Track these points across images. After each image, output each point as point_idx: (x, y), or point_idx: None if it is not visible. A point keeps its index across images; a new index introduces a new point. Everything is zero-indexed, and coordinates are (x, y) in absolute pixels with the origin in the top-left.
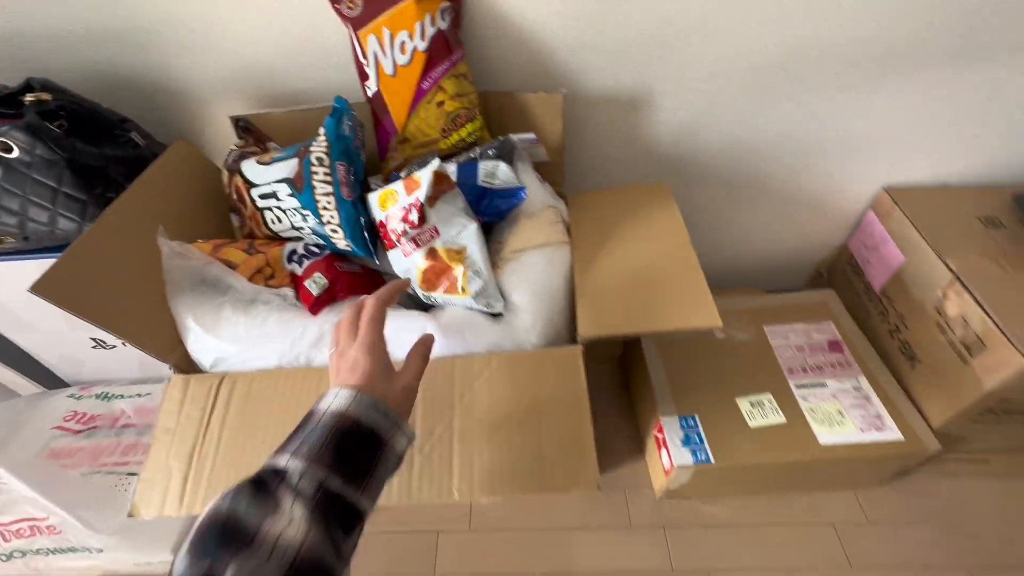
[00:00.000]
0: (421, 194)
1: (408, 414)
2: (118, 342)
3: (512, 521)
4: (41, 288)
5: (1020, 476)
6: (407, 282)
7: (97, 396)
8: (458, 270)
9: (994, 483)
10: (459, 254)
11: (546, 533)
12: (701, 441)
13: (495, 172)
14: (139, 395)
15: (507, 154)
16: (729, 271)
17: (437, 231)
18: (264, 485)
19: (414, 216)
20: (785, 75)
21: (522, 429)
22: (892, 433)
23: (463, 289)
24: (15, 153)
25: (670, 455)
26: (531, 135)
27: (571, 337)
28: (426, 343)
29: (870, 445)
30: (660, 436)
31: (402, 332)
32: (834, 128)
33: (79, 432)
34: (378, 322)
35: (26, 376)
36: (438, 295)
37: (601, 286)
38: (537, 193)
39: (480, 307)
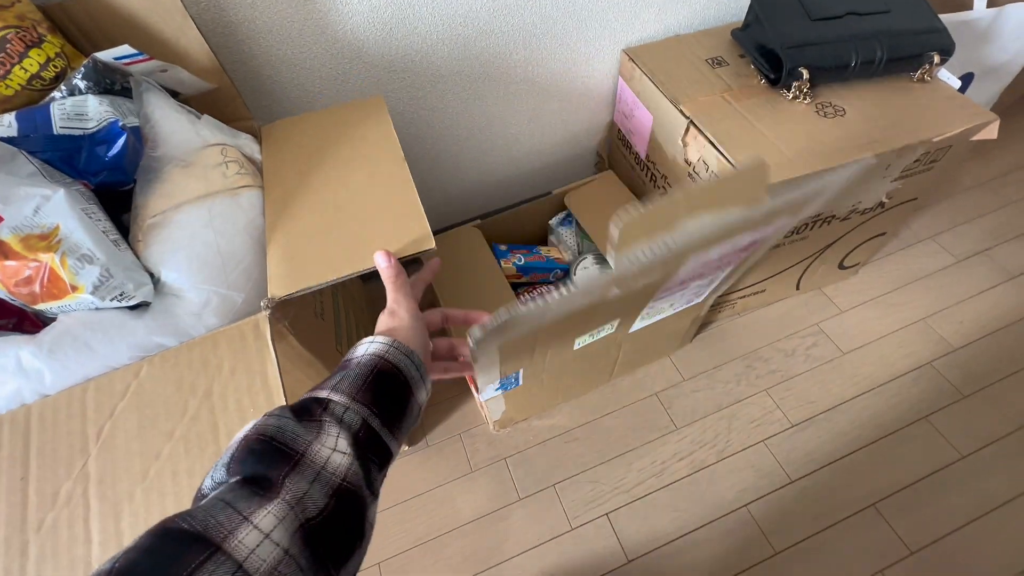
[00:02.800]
0: None
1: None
2: None
3: None
4: None
5: (789, 295)
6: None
7: None
8: (48, 260)
9: (775, 307)
10: (46, 239)
11: (384, 514)
12: None
13: (83, 111)
14: None
15: (110, 85)
16: (516, 177)
17: None
18: (308, 411)
19: None
20: None
21: (194, 445)
22: None
23: (73, 287)
24: None
25: (477, 390)
26: (125, 49)
27: None
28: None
29: (667, 319)
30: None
31: None
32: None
33: None
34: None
35: None
36: (44, 306)
37: (300, 231)
38: (185, 133)
39: (110, 303)
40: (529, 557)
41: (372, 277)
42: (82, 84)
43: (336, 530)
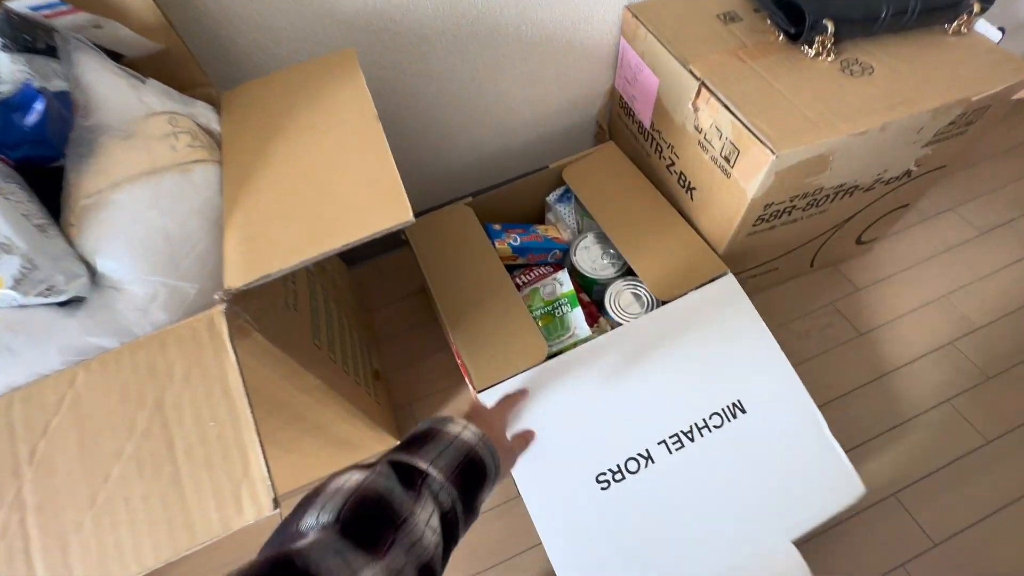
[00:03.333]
0: None
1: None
2: None
3: None
4: None
5: (803, 272)
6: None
7: None
8: None
9: (787, 286)
10: None
11: None
12: None
13: None
14: None
15: (27, 39)
16: (510, 150)
17: None
18: (410, 479)
19: None
20: None
21: (148, 466)
22: None
23: None
24: None
25: (471, 381)
26: None
27: None
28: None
29: None
30: (460, 362)
31: None
32: None
33: None
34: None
35: None
36: None
37: (261, 209)
38: (124, 98)
39: (36, 299)
40: (530, 556)
41: (358, 259)
42: None
43: None
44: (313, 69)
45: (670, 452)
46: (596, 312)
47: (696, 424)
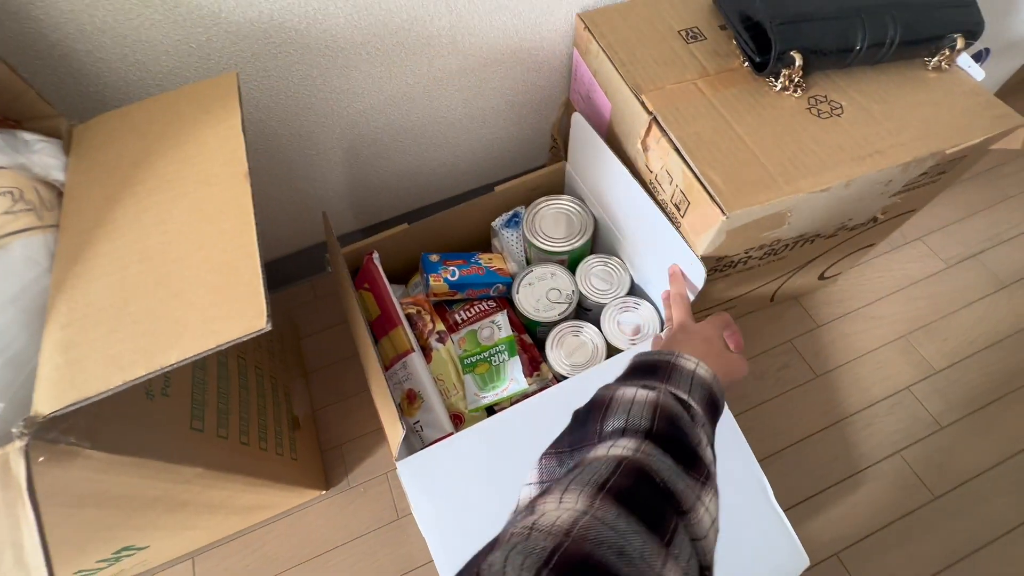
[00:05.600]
0: None
1: None
2: None
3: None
4: None
5: (762, 308)
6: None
7: None
8: None
9: (746, 320)
10: None
11: (312, 566)
12: None
13: None
14: None
15: None
16: (454, 165)
17: None
18: (692, 459)
19: None
20: None
21: None
22: None
23: None
24: None
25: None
26: None
27: None
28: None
29: None
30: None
31: None
32: None
33: None
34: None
35: None
36: None
37: (91, 302)
38: None
39: None
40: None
41: (293, 279)
42: None
43: None
44: (185, 99)
45: None
46: (538, 356)
47: None
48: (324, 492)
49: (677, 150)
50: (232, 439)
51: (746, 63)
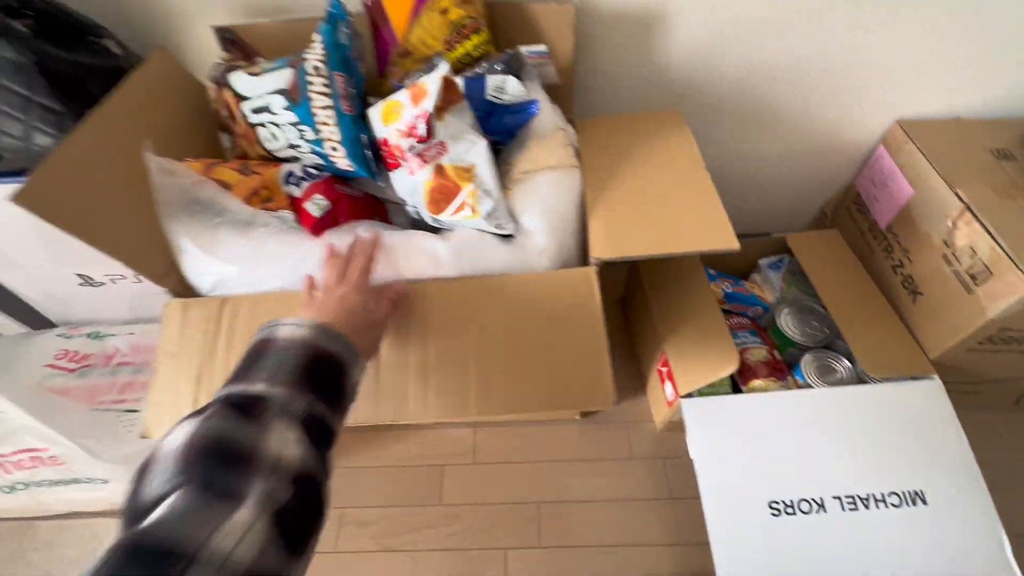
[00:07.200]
0: (429, 103)
1: (371, 350)
2: (106, 279)
3: (514, 455)
4: (24, 198)
5: (1006, 407)
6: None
7: (88, 335)
8: (467, 189)
9: (981, 414)
10: (467, 172)
11: (547, 465)
12: None
13: (504, 86)
14: (132, 333)
15: (516, 71)
16: (735, 210)
17: (444, 147)
18: (245, 410)
19: (421, 128)
20: None
21: (538, 349)
22: None
23: (473, 210)
24: None
25: (675, 386)
26: (542, 47)
27: (583, 264)
28: (399, 292)
29: None
30: (664, 369)
31: (413, 255)
32: (851, 55)
33: (72, 371)
34: (368, 272)
35: (10, 316)
36: (446, 217)
37: (614, 211)
38: (547, 114)
39: (491, 228)
40: (656, 552)
41: None
42: (499, 66)
43: (302, 514)
44: (647, 119)
45: (843, 509)
46: (785, 370)
47: (874, 495)
48: (577, 418)
49: (988, 231)
50: None
51: None
